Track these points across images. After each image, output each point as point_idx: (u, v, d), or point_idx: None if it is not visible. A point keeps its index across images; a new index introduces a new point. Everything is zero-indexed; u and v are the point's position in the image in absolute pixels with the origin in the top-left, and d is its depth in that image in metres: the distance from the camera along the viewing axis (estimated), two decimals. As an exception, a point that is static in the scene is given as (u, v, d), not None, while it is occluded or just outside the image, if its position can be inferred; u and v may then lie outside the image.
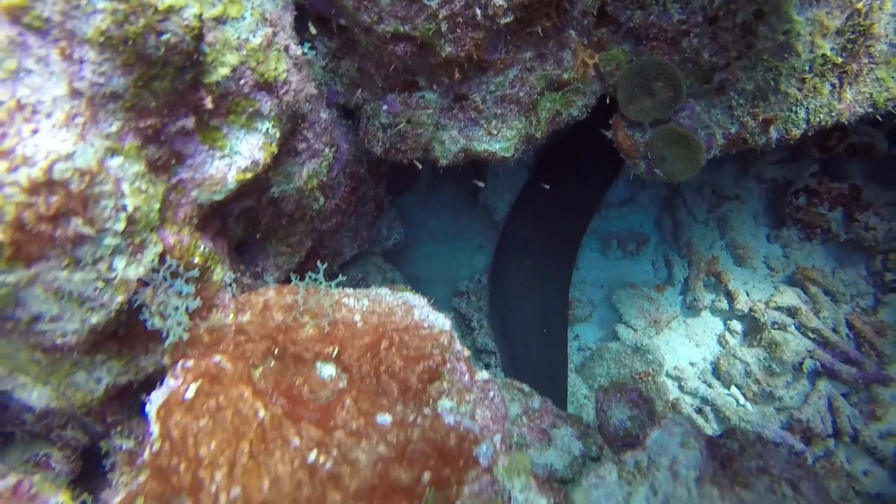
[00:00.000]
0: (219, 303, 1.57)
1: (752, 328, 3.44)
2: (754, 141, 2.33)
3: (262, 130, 1.42)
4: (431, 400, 1.40)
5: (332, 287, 1.61)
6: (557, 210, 3.46)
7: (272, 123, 1.44)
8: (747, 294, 3.53)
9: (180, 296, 1.26)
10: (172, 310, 1.24)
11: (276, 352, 1.46)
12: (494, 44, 1.65)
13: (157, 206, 1.27)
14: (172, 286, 1.25)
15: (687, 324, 3.60)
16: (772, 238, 3.72)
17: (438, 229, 3.92)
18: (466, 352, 1.68)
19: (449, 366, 1.53)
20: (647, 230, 3.95)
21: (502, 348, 3.60)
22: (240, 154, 1.40)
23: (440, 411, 1.29)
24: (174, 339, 1.26)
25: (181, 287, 1.27)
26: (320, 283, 1.59)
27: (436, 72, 1.68)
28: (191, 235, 1.41)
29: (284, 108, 1.45)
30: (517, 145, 1.97)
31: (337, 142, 1.85)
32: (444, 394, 1.47)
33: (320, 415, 1.21)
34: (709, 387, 3.38)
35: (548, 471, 1.90)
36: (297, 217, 1.88)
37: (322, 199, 1.89)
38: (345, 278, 1.68)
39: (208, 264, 1.50)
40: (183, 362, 1.23)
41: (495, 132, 1.89)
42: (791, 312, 3.39)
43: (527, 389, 2.31)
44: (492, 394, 1.68)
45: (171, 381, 1.19)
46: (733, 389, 3.36)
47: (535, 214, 3.51)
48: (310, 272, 1.57)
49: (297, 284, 1.59)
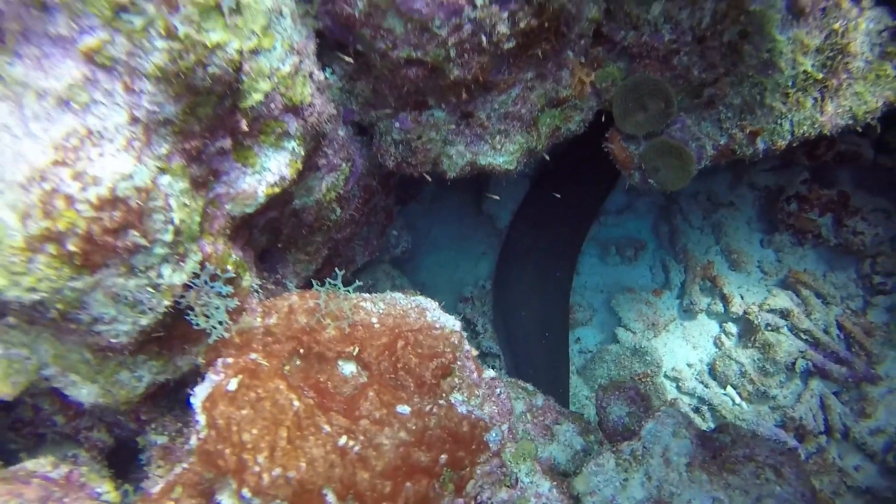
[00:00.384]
0: (247, 307, 1.70)
1: (747, 330, 3.56)
2: (742, 152, 2.47)
3: (288, 149, 1.57)
4: (444, 393, 1.53)
5: (350, 292, 1.74)
6: (558, 218, 3.56)
7: (298, 142, 1.58)
8: (742, 297, 3.64)
9: (220, 297, 1.40)
10: (214, 310, 1.38)
11: (301, 351, 1.59)
12: (498, 66, 1.80)
13: (198, 219, 1.41)
14: (213, 289, 1.39)
15: (684, 326, 3.72)
16: (765, 243, 3.83)
17: (443, 237, 4.04)
18: (474, 351, 1.81)
19: (459, 363, 1.66)
20: (645, 236, 4.06)
21: (506, 351, 3.71)
22: (269, 170, 1.55)
23: (453, 402, 1.42)
24: (216, 336, 1.39)
25: (221, 289, 1.40)
26: (339, 289, 1.73)
27: (444, 92, 1.82)
28: (225, 245, 1.55)
29: (309, 128, 1.59)
30: (519, 158, 2.11)
31: (353, 157, 2.00)
32: (456, 388, 1.61)
33: (346, 406, 1.34)
34: (705, 387, 3.50)
35: (551, 463, 2.04)
36: (315, 227, 2.02)
37: (339, 211, 2.03)
38: (361, 284, 1.82)
39: (239, 271, 1.64)
40: (223, 359, 1.36)
41: (499, 147, 2.04)
42: (784, 314, 3.51)
43: (530, 388, 2.43)
44: (498, 390, 1.81)
45: (214, 376, 1.33)
46: (729, 389, 3.47)
47: (537, 222, 3.62)
48: (328, 279, 1.70)
49: (318, 290, 1.72)
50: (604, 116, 2.38)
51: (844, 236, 3.57)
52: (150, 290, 1.32)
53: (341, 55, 1.73)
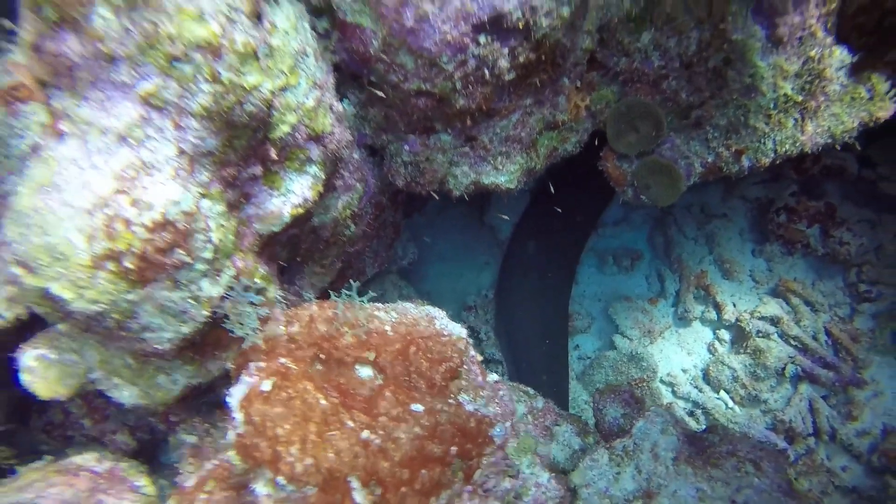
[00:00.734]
0: (272, 316, 1.87)
1: (739, 337, 3.69)
2: (728, 169, 2.63)
3: (311, 173, 1.74)
4: (453, 394, 1.69)
5: (365, 302, 1.90)
6: (557, 230, 3.68)
7: (319, 167, 1.75)
8: (734, 305, 3.76)
9: (253, 306, 1.56)
10: (247, 318, 1.54)
11: (322, 357, 1.75)
12: (499, 95, 1.97)
13: (232, 238, 1.58)
14: (246, 299, 1.56)
15: (679, 333, 3.85)
16: (756, 253, 3.95)
17: (447, 249, 4.17)
18: (479, 357, 1.97)
19: (466, 367, 1.82)
20: (641, 247, 4.19)
21: (508, 358, 3.84)
22: (293, 193, 1.72)
23: (461, 401, 1.58)
24: (250, 341, 1.56)
25: (253, 299, 1.57)
26: (354, 299, 1.89)
27: (450, 119, 1.99)
28: (253, 260, 1.72)
29: (329, 154, 1.76)
30: (519, 178, 2.28)
31: (366, 177, 2.17)
32: (463, 389, 1.76)
33: (366, 405, 1.50)
34: (700, 391, 3.63)
35: (550, 460, 2.19)
36: (331, 242, 2.19)
37: (353, 227, 2.20)
38: (374, 294, 1.98)
39: (265, 284, 1.80)
40: (256, 363, 1.52)
41: (500, 167, 2.20)
42: (774, 322, 3.63)
43: (531, 392, 2.58)
44: (501, 392, 1.96)
45: (248, 378, 1.48)
46: (722, 394, 3.60)
47: (537, 234, 3.74)
48: (344, 290, 1.86)
49: (335, 300, 1.88)
50: (597, 138, 2.55)
51: (831, 246, 3.72)
52: (192, 301, 1.48)
53: (371, 89, 1.89)
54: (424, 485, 1.30)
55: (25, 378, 1.65)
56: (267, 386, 1.43)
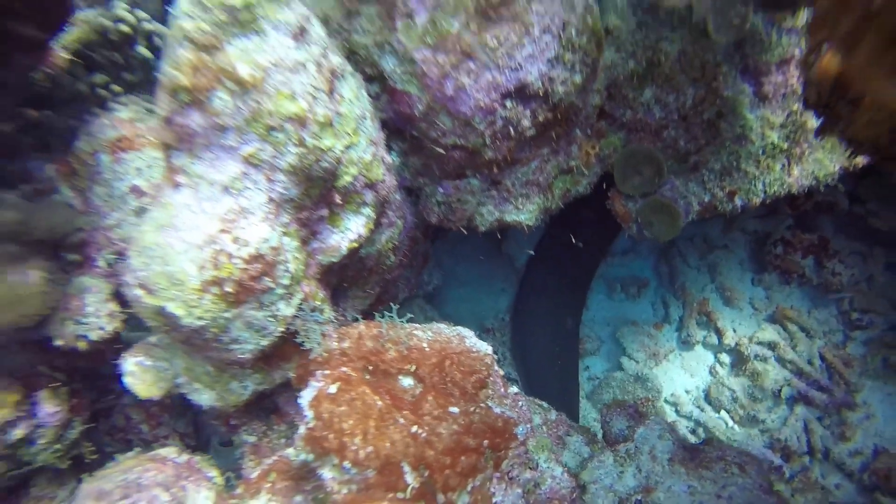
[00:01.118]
0: (326, 333, 2.20)
1: (739, 360, 3.91)
2: (723, 208, 2.94)
3: (364, 214, 2.08)
4: (482, 400, 2.00)
5: (404, 322, 2.23)
6: (570, 259, 3.90)
7: (371, 209, 2.09)
8: (734, 330, 4.00)
9: (318, 324, 1.89)
10: (313, 333, 1.87)
11: (370, 368, 2.08)
12: (521, 148, 2.32)
13: (302, 268, 1.92)
14: (313, 317, 1.89)
15: (682, 356, 4.08)
16: (755, 282, 4.19)
17: (467, 275, 4.43)
18: (501, 371, 2.28)
19: (491, 379, 2.13)
20: (647, 275, 4.43)
21: (523, 377, 4.10)
22: (350, 230, 2.06)
23: (490, 405, 1.89)
24: (315, 353, 1.88)
25: (318, 318, 1.90)
26: (395, 319, 2.21)
27: (480, 167, 2.34)
28: (316, 286, 2.05)
29: (380, 198, 2.11)
30: (538, 216, 2.61)
31: (405, 214, 2.51)
32: (489, 398, 2.08)
33: (412, 407, 1.82)
34: (701, 411, 3.87)
35: (563, 463, 2.47)
36: (373, 270, 2.52)
37: (392, 257, 2.53)
38: (412, 316, 2.30)
39: (323, 306, 2.13)
40: (322, 371, 1.85)
41: (521, 207, 2.54)
42: (772, 346, 3.85)
43: (545, 406, 2.88)
44: (520, 403, 2.26)
45: (316, 383, 1.81)
46: (723, 413, 3.84)
47: (551, 263, 3.97)
48: (386, 312, 2.18)
49: (379, 320, 2.21)
50: (606, 180, 2.88)
51: (825, 276, 3.96)
52: (271, 319, 1.82)
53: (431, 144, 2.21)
54: (463, 469, 1.61)
55: (128, 380, 1.98)
56: (333, 389, 1.76)
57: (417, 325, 2.27)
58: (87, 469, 2.65)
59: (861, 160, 2.82)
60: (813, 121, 2.79)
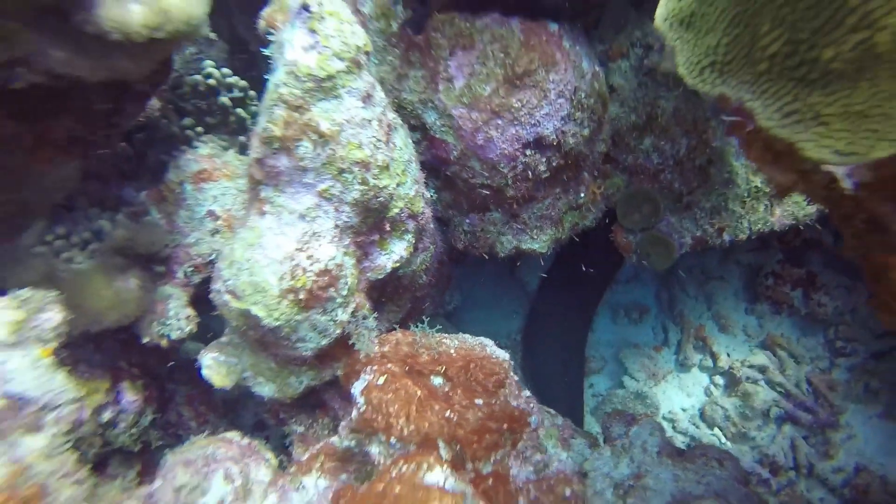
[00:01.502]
0: (370, 339, 2.60)
1: (731, 382, 4.21)
2: (713, 242, 3.34)
3: (406, 239, 2.50)
4: (500, 397, 2.39)
5: (434, 332, 2.63)
6: (577, 285, 4.21)
7: (412, 235, 2.51)
8: (728, 355, 4.28)
9: (367, 329, 2.30)
10: (363, 337, 2.27)
11: (406, 369, 2.48)
12: (537, 187, 2.74)
13: (356, 283, 2.33)
14: (364, 324, 2.30)
15: (679, 377, 4.37)
16: (748, 311, 4.46)
17: (482, 297, 4.76)
18: (516, 377, 2.66)
19: (508, 381, 2.52)
20: (649, 302, 4.71)
21: (532, 392, 4.40)
22: (395, 253, 2.47)
23: (508, 400, 2.28)
24: (365, 353, 2.29)
25: (368, 324, 2.31)
26: (427, 329, 2.61)
27: (501, 203, 2.76)
28: (364, 298, 2.46)
29: (419, 226, 2.53)
30: (549, 245, 3.02)
31: (436, 240, 2.93)
32: (507, 395, 2.46)
33: (445, 399, 2.21)
34: (696, 427, 4.17)
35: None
36: (407, 288, 2.94)
37: (424, 277, 2.95)
38: (440, 328, 2.70)
39: (369, 315, 2.54)
40: (370, 367, 2.25)
41: (536, 237, 2.95)
42: (762, 370, 4.15)
43: (552, 412, 3.24)
44: (532, 402, 2.64)
45: (366, 376, 2.21)
46: (716, 430, 4.10)
47: (560, 288, 4.23)
48: (419, 324, 2.58)
49: (414, 330, 2.61)
50: (610, 216, 3.29)
51: (812, 307, 4.30)
52: (332, 322, 2.23)
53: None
54: (487, 444, 1.99)
55: (205, 372, 2.39)
56: (381, 380, 2.16)
57: (445, 335, 2.67)
58: (152, 455, 3.05)
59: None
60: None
